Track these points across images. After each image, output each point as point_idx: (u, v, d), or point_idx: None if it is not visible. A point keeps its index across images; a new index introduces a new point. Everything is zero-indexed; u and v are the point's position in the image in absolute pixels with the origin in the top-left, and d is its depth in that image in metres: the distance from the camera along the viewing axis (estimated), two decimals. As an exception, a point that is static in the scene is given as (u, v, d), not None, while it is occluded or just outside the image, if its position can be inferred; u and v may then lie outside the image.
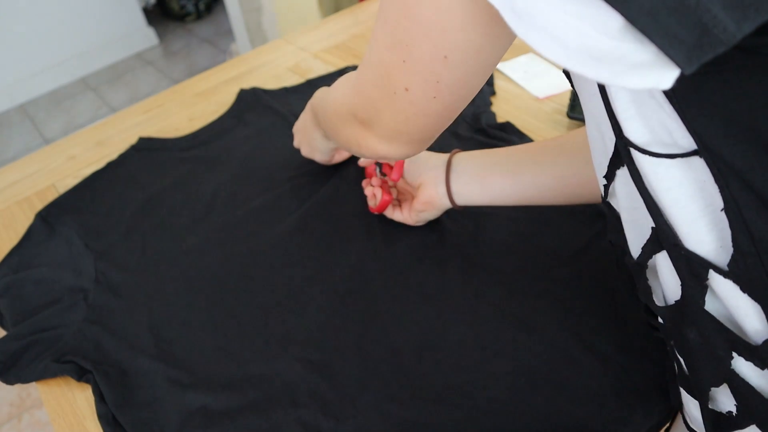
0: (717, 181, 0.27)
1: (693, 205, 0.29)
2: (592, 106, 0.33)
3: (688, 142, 0.27)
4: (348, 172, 0.72)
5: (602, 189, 0.37)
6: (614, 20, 0.21)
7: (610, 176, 0.35)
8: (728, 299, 0.30)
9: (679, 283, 0.32)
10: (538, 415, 0.47)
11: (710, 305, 0.32)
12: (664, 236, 0.31)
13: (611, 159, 0.33)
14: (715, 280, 0.30)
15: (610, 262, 0.58)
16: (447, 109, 0.36)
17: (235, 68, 1.01)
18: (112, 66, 2.88)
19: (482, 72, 0.33)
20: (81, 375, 0.54)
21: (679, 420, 0.48)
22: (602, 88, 0.30)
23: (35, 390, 1.44)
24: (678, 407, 0.44)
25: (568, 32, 0.22)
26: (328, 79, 0.92)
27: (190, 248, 0.65)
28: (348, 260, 0.62)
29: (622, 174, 0.33)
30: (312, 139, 0.66)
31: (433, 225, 0.64)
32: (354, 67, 0.94)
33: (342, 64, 0.96)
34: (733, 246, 0.28)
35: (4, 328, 0.61)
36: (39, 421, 1.40)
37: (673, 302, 0.34)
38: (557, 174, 0.52)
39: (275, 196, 0.71)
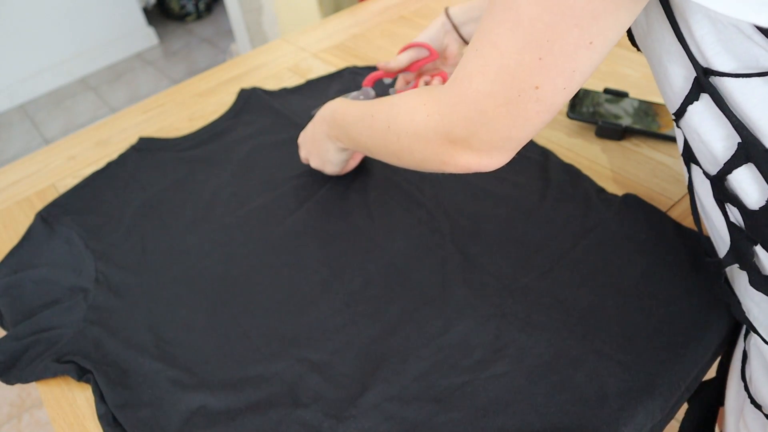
0: None
1: None
2: (664, 53, 0.38)
3: None
4: (348, 172, 0.72)
5: (674, 123, 0.42)
6: None
7: (680, 113, 0.40)
8: None
9: (766, 186, 0.36)
10: (539, 415, 0.47)
11: None
12: (752, 147, 0.36)
13: (686, 96, 0.38)
14: None
15: (610, 260, 0.58)
16: (567, 99, 0.37)
17: (235, 68, 1.01)
18: (112, 66, 2.88)
19: (609, 49, 0.35)
20: (81, 375, 0.54)
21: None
22: (681, 37, 0.36)
23: (35, 390, 1.44)
24: (743, 321, 0.47)
25: None
26: (328, 80, 0.92)
27: (190, 248, 0.65)
28: (348, 260, 0.62)
29: (693, 109, 0.38)
30: (324, 151, 0.65)
31: (434, 225, 0.64)
32: (354, 68, 0.93)
33: (342, 64, 0.96)
34: None
35: (4, 328, 0.61)
36: (39, 421, 1.40)
37: (758, 208, 0.38)
38: None
39: (275, 196, 0.71)
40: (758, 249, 0.41)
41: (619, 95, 0.77)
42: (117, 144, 0.85)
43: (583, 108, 0.75)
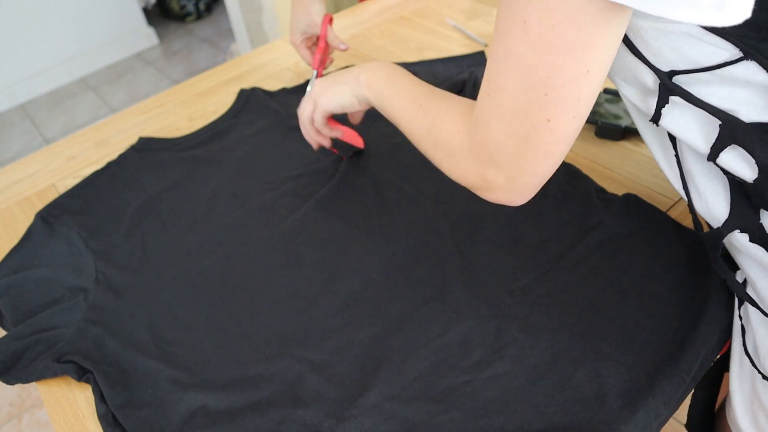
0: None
1: (746, 92, 0.37)
2: (627, 70, 0.42)
3: (729, 55, 0.36)
4: (348, 172, 0.72)
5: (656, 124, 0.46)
6: None
7: (657, 117, 0.43)
8: None
9: (753, 161, 0.39)
10: (539, 414, 0.47)
11: None
12: (734, 126, 0.38)
13: (657, 102, 0.42)
14: None
15: (610, 260, 0.58)
16: (579, 127, 0.39)
17: (235, 68, 1.01)
18: (112, 66, 2.88)
19: (606, 72, 0.37)
20: (81, 375, 0.54)
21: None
22: (638, 53, 0.39)
23: (35, 390, 1.44)
24: (741, 296, 0.49)
25: None
26: (328, 79, 0.92)
27: (191, 248, 0.65)
28: (348, 260, 0.62)
29: (666, 110, 0.42)
30: (342, 83, 0.61)
31: (433, 225, 0.64)
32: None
33: (342, 64, 0.96)
34: None
35: (4, 328, 0.61)
36: (39, 421, 1.40)
37: (752, 181, 0.40)
38: None
39: (275, 196, 0.71)
40: (762, 212, 0.42)
41: (619, 95, 0.77)
42: (117, 144, 0.85)
43: (583, 108, 0.75)
